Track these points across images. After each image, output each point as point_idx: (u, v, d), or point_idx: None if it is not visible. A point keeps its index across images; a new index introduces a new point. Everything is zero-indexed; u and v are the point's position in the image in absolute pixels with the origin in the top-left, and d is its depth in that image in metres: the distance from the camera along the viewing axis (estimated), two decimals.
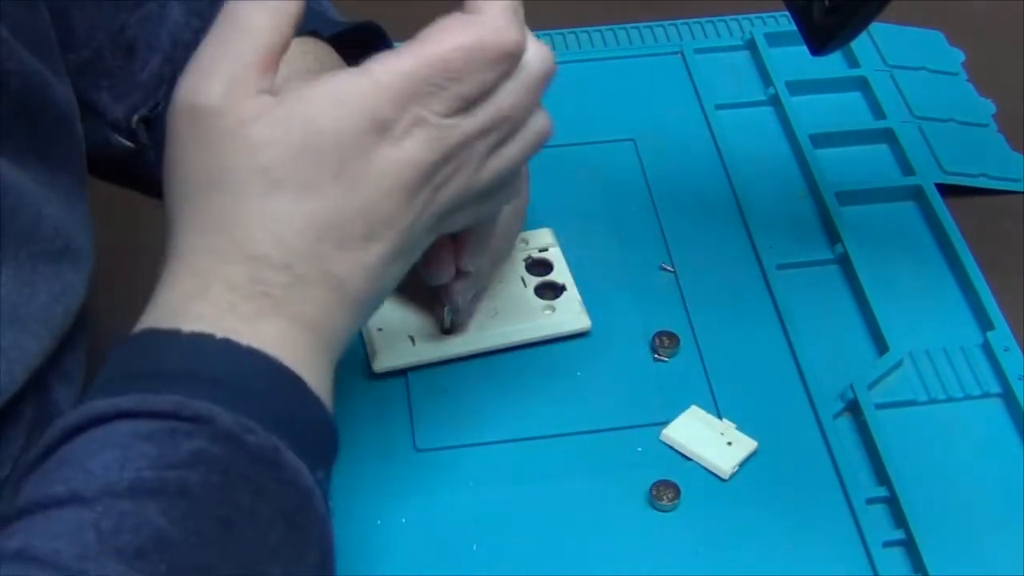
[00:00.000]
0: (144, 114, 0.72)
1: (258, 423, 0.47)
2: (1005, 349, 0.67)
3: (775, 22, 0.88)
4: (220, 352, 0.48)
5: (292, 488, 0.47)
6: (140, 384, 0.47)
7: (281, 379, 0.49)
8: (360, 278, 0.51)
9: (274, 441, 0.47)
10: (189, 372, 0.47)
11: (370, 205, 0.51)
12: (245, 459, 0.46)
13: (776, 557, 0.60)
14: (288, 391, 0.49)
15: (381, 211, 0.51)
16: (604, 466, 0.63)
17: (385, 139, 0.50)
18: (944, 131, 0.80)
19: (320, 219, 0.50)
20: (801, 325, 0.69)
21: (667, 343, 0.68)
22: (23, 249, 0.53)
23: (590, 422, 0.65)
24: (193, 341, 0.48)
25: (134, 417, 0.46)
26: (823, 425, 0.65)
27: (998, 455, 0.64)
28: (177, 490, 0.44)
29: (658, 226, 0.75)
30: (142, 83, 0.72)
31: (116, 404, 0.46)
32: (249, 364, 0.48)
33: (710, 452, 0.63)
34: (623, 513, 0.61)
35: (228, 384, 0.47)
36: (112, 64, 0.72)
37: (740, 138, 0.80)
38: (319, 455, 0.49)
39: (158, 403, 0.46)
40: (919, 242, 0.75)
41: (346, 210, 0.51)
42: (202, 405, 0.46)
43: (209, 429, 0.46)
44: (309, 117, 0.50)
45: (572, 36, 0.87)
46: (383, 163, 0.51)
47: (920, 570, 0.59)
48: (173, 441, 0.45)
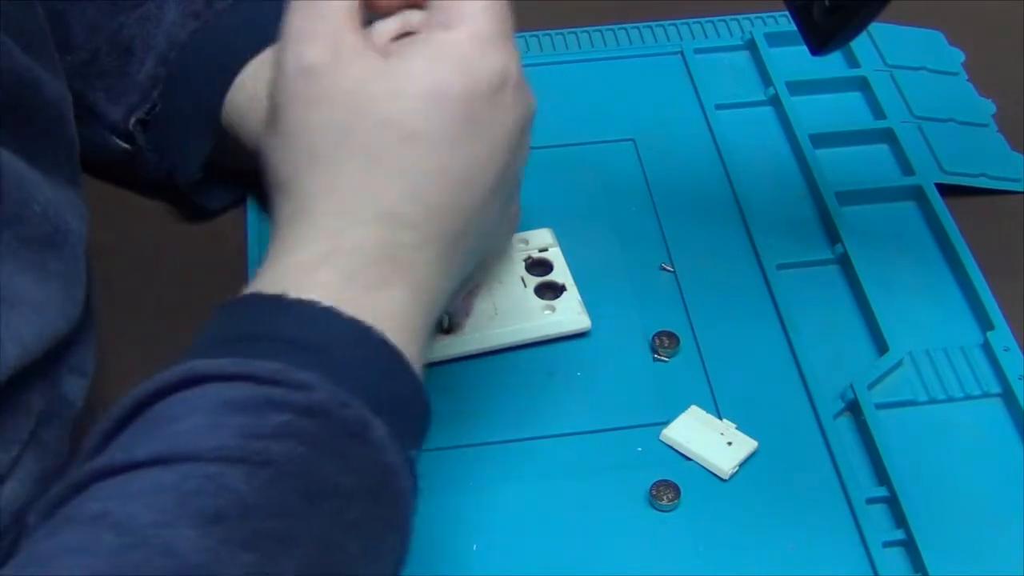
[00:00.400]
0: (141, 116, 0.72)
1: (354, 396, 0.46)
2: (1005, 349, 0.67)
3: (775, 22, 0.88)
4: (323, 320, 0.48)
5: (379, 466, 0.46)
6: (242, 347, 0.47)
7: (380, 353, 0.48)
8: (477, 235, 0.52)
9: (367, 416, 0.46)
10: (292, 339, 0.47)
11: (496, 154, 0.51)
12: (336, 432, 0.45)
13: (776, 557, 0.60)
14: (386, 366, 0.48)
15: (502, 160, 0.52)
16: (604, 466, 0.63)
17: (506, 83, 0.51)
18: (944, 131, 0.80)
19: (455, 171, 0.51)
20: (801, 325, 0.69)
21: (667, 343, 0.68)
22: (11, 228, 0.52)
23: (590, 422, 0.65)
24: (297, 308, 0.48)
25: (233, 380, 0.45)
26: (823, 425, 0.65)
27: (998, 455, 0.64)
28: (262, 460, 0.44)
29: (658, 226, 0.75)
30: (138, 84, 0.72)
31: (220, 366, 0.46)
32: (350, 335, 0.48)
33: (710, 452, 0.63)
34: (623, 513, 0.61)
35: (329, 353, 0.47)
36: (109, 65, 0.72)
37: (740, 138, 0.80)
38: (411, 433, 0.49)
39: (261, 368, 0.46)
40: (919, 242, 0.75)
41: (479, 159, 0.51)
42: (303, 374, 0.46)
43: (305, 399, 0.45)
44: (428, 69, 0.51)
45: (572, 36, 0.87)
46: (504, 107, 0.51)
47: (920, 570, 0.59)
48: (262, 413, 0.45)
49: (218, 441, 0.44)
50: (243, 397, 0.45)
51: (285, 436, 0.45)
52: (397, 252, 0.50)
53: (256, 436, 0.44)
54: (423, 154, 0.51)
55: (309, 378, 0.46)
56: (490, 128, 0.52)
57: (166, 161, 0.73)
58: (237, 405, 0.45)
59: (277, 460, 0.44)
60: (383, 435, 0.47)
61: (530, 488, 0.62)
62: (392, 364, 0.49)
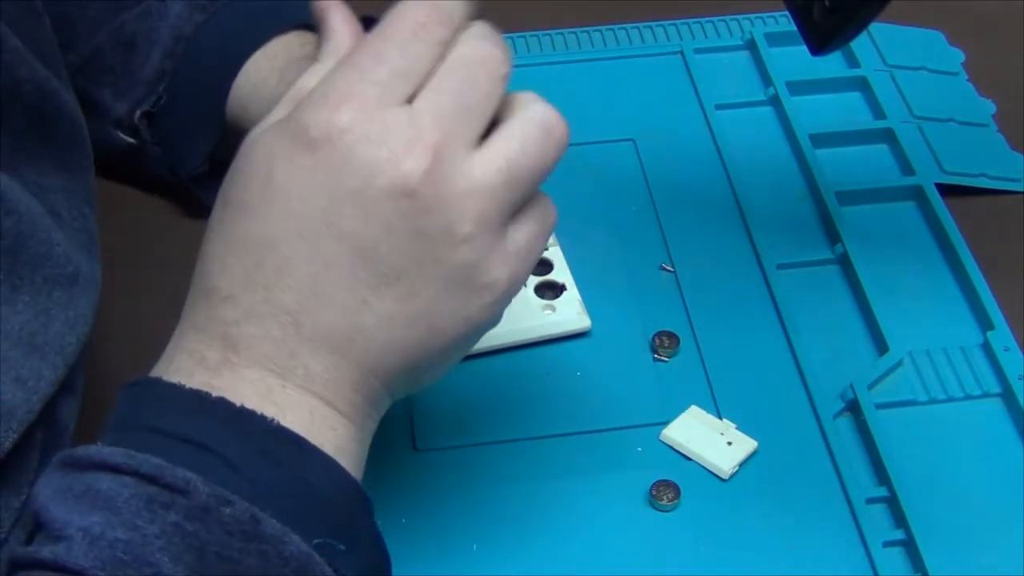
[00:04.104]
0: (147, 109, 0.73)
1: (238, 492, 0.45)
2: (1005, 349, 0.67)
3: (775, 22, 0.88)
4: (212, 412, 0.47)
5: (278, 559, 0.45)
6: (133, 437, 0.46)
7: (274, 441, 0.47)
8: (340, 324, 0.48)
9: (252, 511, 0.45)
10: (178, 432, 0.46)
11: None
12: (221, 532, 0.44)
13: (776, 557, 0.60)
14: (282, 454, 0.47)
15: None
16: (604, 466, 0.63)
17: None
18: (944, 131, 0.80)
19: (254, 239, 0.48)
20: (801, 325, 0.69)
21: (667, 343, 0.68)
22: (38, 274, 0.53)
23: (590, 422, 0.65)
24: (192, 396, 0.47)
25: (119, 472, 0.45)
26: (823, 425, 0.65)
27: (998, 455, 0.64)
28: (153, 572, 0.43)
29: (658, 226, 0.75)
30: (144, 79, 0.72)
31: (103, 455, 0.45)
32: (240, 425, 0.46)
33: (710, 452, 0.63)
34: (623, 513, 0.61)
35: (212, 450, 0.46)
36: (113, 61, 0.72)
37: (740, 138, 0.80)
38: (323, 516, 0.47)
39: (142, 464, 0.45)
40: (919, 242, 0.75)
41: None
42: (181, 474, 0.45)
43: (185, 501, 0.44)
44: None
45: (572, 36, 0.87)
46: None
47: (920, 570, 0.59)
48: (150, 511, 0.44)
49: (108, 549, 0.43)
50: (131, 494, 0.44)
51: (174, 538, 0.44)
52: (228, 329, 0.48)
53: (147, 539, 0.44)
54: (231, 225, 0.49)
55: (187, 480, 0.45)
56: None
57: (170, 154, 0.73)
58: (126, 500, 0.44)
59: (168, 571, 0.43)
60: (275, 527, 0.45)
61: (530, 488, 0.62)
62: (287, 452, 0.47)
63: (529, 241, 0.51)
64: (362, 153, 0.47)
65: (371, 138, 0.47)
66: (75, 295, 0.54)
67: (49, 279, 0.53)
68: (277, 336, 0.48)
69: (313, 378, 0.48)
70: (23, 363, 0.51)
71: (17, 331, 0.51)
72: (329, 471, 0.47)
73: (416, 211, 0.47)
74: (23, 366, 0.51)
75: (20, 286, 0.52)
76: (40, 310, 0.52)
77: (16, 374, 0.51)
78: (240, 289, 0.48)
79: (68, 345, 0.54)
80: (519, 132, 0.50)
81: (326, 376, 0.48)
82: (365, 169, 0.47)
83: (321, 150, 0.47)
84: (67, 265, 0.54)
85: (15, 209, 0.51)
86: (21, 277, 0.52)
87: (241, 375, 0.48)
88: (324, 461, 0.47)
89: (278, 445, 0.47)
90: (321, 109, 0.47)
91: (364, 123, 0.47)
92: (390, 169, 0.47)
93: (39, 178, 0.56)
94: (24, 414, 0.51)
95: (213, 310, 0.48)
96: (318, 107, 0.47)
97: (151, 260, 0.74)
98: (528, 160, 0.50)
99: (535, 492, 0.62)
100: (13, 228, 0.51)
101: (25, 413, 0.51)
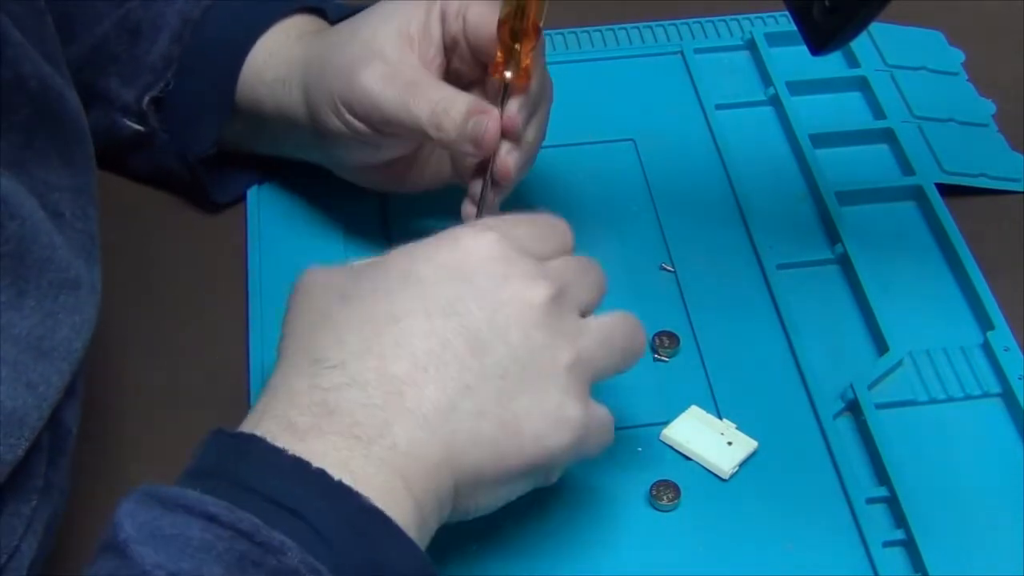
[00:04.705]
0: (155, 95, 0.73)
1: (326, 564, 0.46)
2: (1005, 349, 0.67)
3: (775, 22, 0.88)
4: (310, 480, 0.48)
5: None
6: (230, 491, 0.47)
7: (365, 519, 0.48)
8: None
9: None
10: (274, 496, 0.47)
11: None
12: None
13: (776, 557, 0.60)
14: (371, 533, 0.48)
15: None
16: (604, 466, 0.63)
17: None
18: (944, 131, 0.80)
19: (379, 315, 0.53)
20: (801, 325, 0.69)
21: (667, 343, 0.68)
22: (43, 278, 0.53)
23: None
24: (292, 462, 0.48)
25: (215, 523, 0.46)
26: (823, 425, 0.65)
27: (998, 455, 0.64)
28: None
29: (658, 226, 0.75)
30: (151, 65, 0.73)
31: (204, 503, 0.46)
32: (335, 498, 0.48)
33: (710, 452, 0.63)
34: (623, 513, 0.62)
35: (305, 518, 0.47)
36: (118, 49, 0.73)
37: (740, 138, 0.80)
38: None
39: (241, 520, 0.46)
40: (919, 242, 0.75)
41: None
42: (276, 536, 0.46)
43: (276, 563, 0.45)
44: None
45: (572, 36, 0.87)
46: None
47: (920, 570, 0.59)
48: (241, 567, 0.45)
49: None
50: (224, 548, 0.45)
51: None
52: (327, 396, 0.51)
53: None
54: (349, 310, 0.54)
55: (282, 543, 0.46)
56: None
57: (179, 139, 0.73)
58: (218, 555, 0.45)
59: None
60: None
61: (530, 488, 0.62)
62: (377, 530, 0.49)
63: (603, 418, 0.57)
64: (500, 264, 0.54)
65: (509, 260, 0.54)
66: (80, 299, 0.54)
67: (54, 283, 0.53)
68: (378, 403, 0.51)
69: (396, 451, 0.50)
70: (33, 368, 0.51)
71: (25, 336, 0.51)
72: (411, 555, 0.49)
73: (533, 324, 0.53)
74: (33, 371, 0.51)
75: (26, 290, 0.52)
76: (47, 314, 0.52)
77: (27, 379, 0.51)
78: (353, 358, 0.51)
79: (75, 350, 0.54)
80: (619, 322, 0.58)
81: (409, 453, 0.51)
82: (500, 276, 0.54)
83: (462, 251, 0.54)
84: (69, 269, 0.54)
85: (18, 214, 0.51)
86: (27, 281, 0.52)
87: (326, 441, 0.50)
88: (408, 545, 0.49)
89: (368, 523, 0.48)
90: (470, 228, 0.56)
91: (505, 248, 0.54)
92: (521, 284, 0.54)
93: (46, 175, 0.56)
94: (35, 420, 0.51)
95: (317, 378, 0.51)
96: (463, 229, 0.56)
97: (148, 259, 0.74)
98: (616, 348, 0.57)
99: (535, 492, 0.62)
100: (16, 232, 0.51)
101: (36, 420, 0.51)
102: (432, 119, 0.64)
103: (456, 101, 0.65)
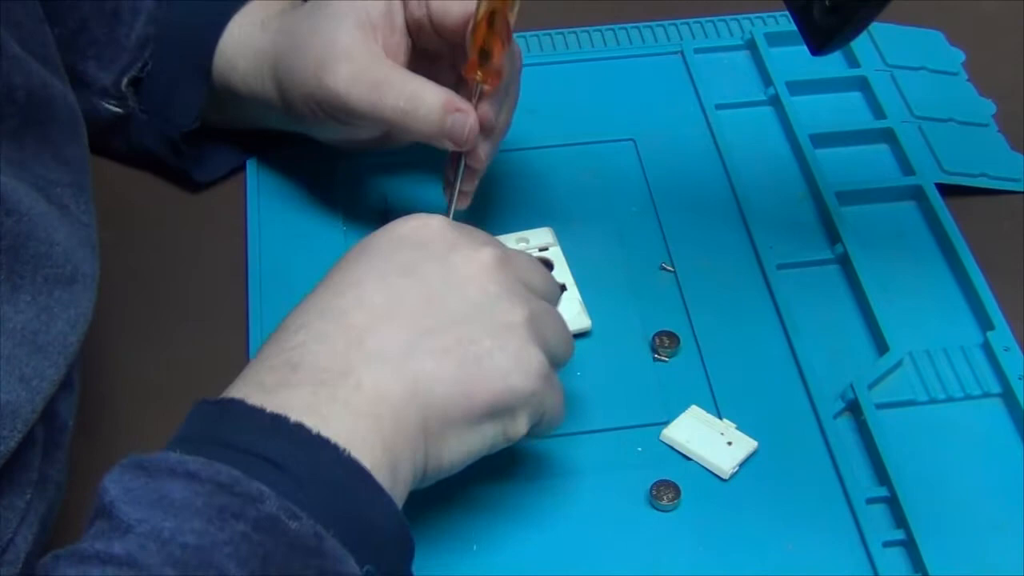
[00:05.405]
0: (133, 75, 0.73)
1: (306, 510, 0.47)
2: (1005, 349, 0.67)
3: (775, 22, 0.88)
4: (289, 434, 0.49)
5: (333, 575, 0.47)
6: (207, 449, 0.49)
7: (344, 471, 0.50)
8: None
9: (317, 528, 0.47)
10: (254, 449, 0.49)
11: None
12: (285, 545, 0.47)
13: (776, 557, 0.60)
14: (349, 484, 0.50)
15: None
16: (604, 466, 0.63)
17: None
18: (944, 131, 0.80)
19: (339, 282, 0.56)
20: (801, 325, 0.69)
21: (667, 343, 0.68)
22: (39, 273, 0.53)
23: (590, 422, 0.65)
24: (270, 418, 0.50)
25: (195, 479, 0.47)
26: (823, 425, 0.65)
27: (998, 455, 0.64)
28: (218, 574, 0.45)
29: (658, 226, 0.75)
30: (129, 46, 0.73)
31: (184, 462, 0.48)
32: (314, 450, 0.49)
33: (710, 452, 0.63)
34: (623, 513, 0.62)
35: (285, 468, 0.48)
36: (98, 32, 0.73)
37: (740, 138, 0.80)
38: (373, 547, 0.50)
39: (219, 473, 0.47)
40: (919, 242, 0.75)
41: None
42: (255, 485, 0.47)
43: (255, 512, 0.47)
44: None
45: (572, 36, 0.87)
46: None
47: (920, 570, 0.59)
48: (221, 518, 0.46)
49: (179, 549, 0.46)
50: (204, 502, 0.47)
51: (241, 545, 0.46)
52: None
53: (215, 544, 0.46)
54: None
55: (260, 490, 0.47)
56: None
57: (159, 118, 0.74)
58: (199, 509, 0.47)
59: (232, 573, 0.46)
60: (335, 546, 0.48)
61: (530, 488, 0.62)
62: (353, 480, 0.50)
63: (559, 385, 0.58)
64: (452, 233, 0.57)
65: (460, 232, 0.57)
66: (76, 293, 0.55)
67: (50, 279, 0.53)
68: (340, 350, 0.52)
69: (362, 391, 0.52)
70: (26, 362, 0.52)
71: (20, 330, 0.52)
72: (387, 510, 0.51)
73: (488, 280, 0.55)
74: (27, 365, 0.52)
75: (21, 285, 0.52)
76: (42, 309, 0.53)
77: (20, 373, 0.51)
78: (315, 318, 0.54)
79: (70, 344, 0.54)
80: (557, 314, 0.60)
81: (375, 392, 0.52)
82: (451, 242, 0.56)
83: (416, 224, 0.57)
84: (67, 264, 0.54)
85: (15, 209, 0.52)
86: (22, 276, 0.52)
87: (293, 392, 0.51)
88: (385, 500, 0.50)
89: (347, 475, 0.50)
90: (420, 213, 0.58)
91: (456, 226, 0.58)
92: (471, 248, 0.56)
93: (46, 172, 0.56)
94: (28, 414, 0.51)
95: (283, 342, 0.53)
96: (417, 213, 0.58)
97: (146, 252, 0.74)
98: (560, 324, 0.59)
99: (536, 492, 0.62)
100: (13, 228, 0.52)
101: (29, 413, 0.51)
102: (403, 117, 0.66)
103: (426, 97, 0.66)
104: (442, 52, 0.69)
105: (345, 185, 0.76)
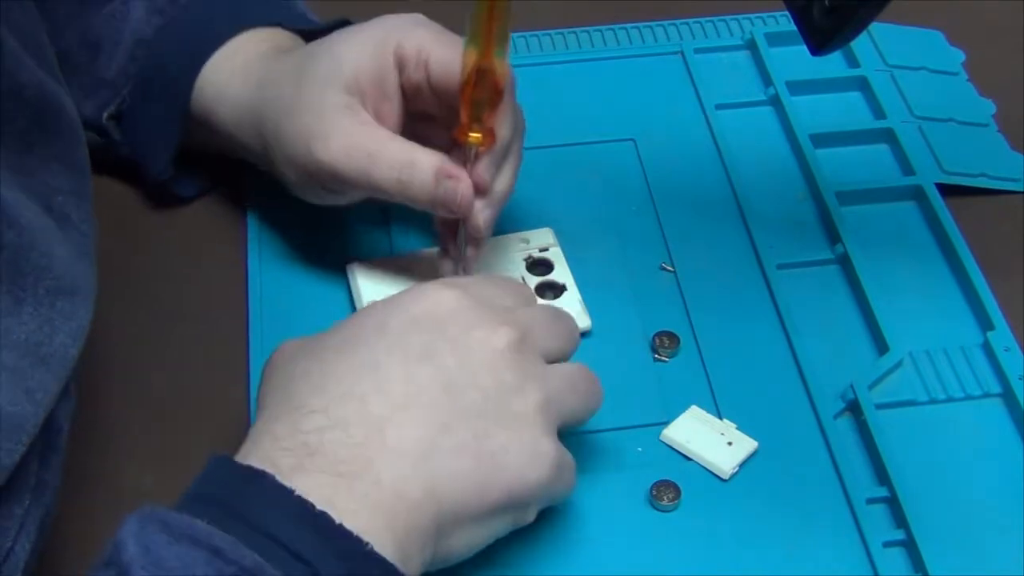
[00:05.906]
0: (112, 111, 0.73)
1: None
2: (1005, 349, 0.67)
3: (775, 22, 0.88)
4: (313, 523, 0.49)
5: None
6: (234, 525, 0.48)
7: (365, 564, 0.49)
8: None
9: None
10: (280, 537, 0.48)
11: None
12: None
13: (776, 557, 0.60)
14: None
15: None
16: (604, 466, 0.63)
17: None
18: (944, 131, 0.80)
19: (358, 363, 0.54)
20: (801, 325, 0.69)
21: (667, 343, 0.68)
22: (40, 285, 0.53)
23: (590, 422, 0.65)
24: (297, 503, 0.49)
25: (219, 556, 0.47)
26: (823, 425, 0.65)
27: (998, 455, 0.64)
28: None
29: (658, 226, 0.75)
30: (109, 80, 0.73)
31: (211, 536, 0.47)
32: (337, 542, 0.49)
33: (710, 452, 0.63)
34: (623, 513, 0.62)
35: (308, 562, 0.48)
36: (79, 60, 0.73)
37: (740, 138, 0.80)
38: None
39: (243, 556, 0.47)
40: (919, 242, 0.75)
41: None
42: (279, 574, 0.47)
43: None
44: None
45: (572, 36, 0.87)
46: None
47: (920, 570, 0.59)
48: None
49: None
50: None
51: None
52: (308, 438, 0.52)
53: None
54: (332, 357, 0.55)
55: None
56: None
57: (137, 154, 0.73)
58: None
59: None
60: None
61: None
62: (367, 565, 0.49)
63: (570, 460, 0.58)
64: (467, 312, 0.56)
65: (475, 308, 0.56)
66: (76, 305, 0.55)
67: (51, 290, 0.53)
68: (359, 442, 0.52)
69: (381, 487, 0.51)
70: (31, 374, 0.51)
71: (23, 342, 0.51)
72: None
73: (502, 367, 0.55)
74: (31, 378, 0.51)
75: (23, 298, 0.52)
76: (44, 321, 0.53)
77: (25, 386, 0.51)
78: (334, 403, 0.52)
79: (70, 356, 0.54)
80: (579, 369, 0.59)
81: (392, 490, 0.51)
82: (466, 324, 0.55)
83: (431, 303, 0.56)
84: (67, 276, 0.54)
85: (16, 222, 0.52)
86: (24, 289, 0.52)
87: (310, 478, 0.50)
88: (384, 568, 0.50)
89: (368, 568, 0.49)
90: (435, 284, 0.57)
91: (471, 300, 0.56)
92: (487, 330, 0.55)
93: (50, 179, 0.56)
94: (32, 427, 0.51)
95: (299, 423, 0.52)
96: (430, 285, 0.57)
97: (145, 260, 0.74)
98: (580, 392, 0.59)
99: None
100: (14, 240, 0.52)
101: (33, 426, 0.51)
102: (397, 187, 0.64)
103: (420, 165, 0.64)
104: (440, 114, 0.67)
105: None
